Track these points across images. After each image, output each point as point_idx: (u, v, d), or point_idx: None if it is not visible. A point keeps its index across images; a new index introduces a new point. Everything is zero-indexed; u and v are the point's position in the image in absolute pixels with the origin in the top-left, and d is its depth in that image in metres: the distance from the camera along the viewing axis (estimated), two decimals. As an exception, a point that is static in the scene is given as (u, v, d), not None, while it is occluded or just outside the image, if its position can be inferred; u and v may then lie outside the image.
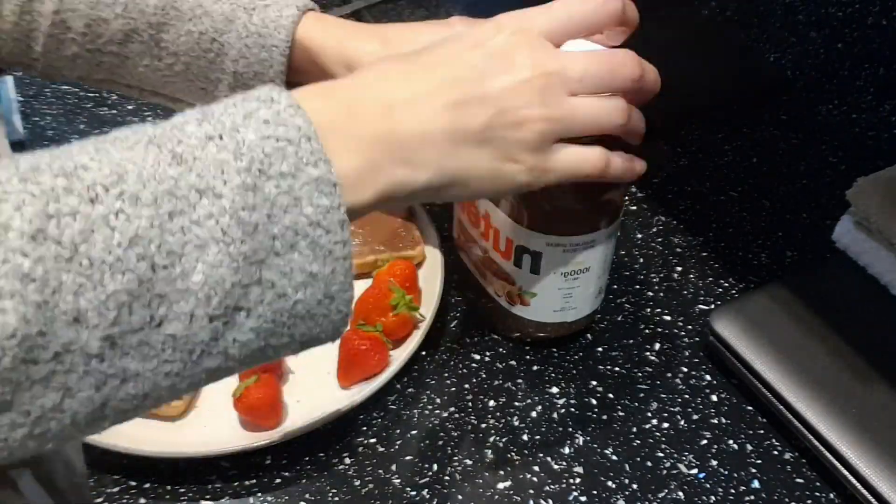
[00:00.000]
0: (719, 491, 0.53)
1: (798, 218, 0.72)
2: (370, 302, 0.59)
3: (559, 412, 0.58)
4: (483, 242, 0.59)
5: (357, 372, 0.57)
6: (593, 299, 0.59)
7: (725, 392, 0.59)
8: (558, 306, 0.58)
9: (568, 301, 0.57)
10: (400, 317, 0.58)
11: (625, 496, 0.53)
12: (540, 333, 0.61)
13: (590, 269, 0.56)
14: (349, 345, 0.56)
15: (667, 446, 0.56)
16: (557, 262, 0.55)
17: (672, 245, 0.70)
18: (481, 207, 0.57)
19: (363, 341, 0.56)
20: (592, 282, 0.57)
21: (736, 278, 0.67)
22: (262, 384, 0.54)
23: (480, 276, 0.61)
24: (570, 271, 0.56)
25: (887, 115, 0.77)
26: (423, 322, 0.60)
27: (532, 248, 0.54)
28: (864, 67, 0.78)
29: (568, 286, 0.56)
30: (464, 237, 0.62)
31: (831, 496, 0.53)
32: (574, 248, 0.54)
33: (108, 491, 0.53)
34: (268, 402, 0.54)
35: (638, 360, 0.61)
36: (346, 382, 0.57)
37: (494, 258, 0.58)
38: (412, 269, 0.62)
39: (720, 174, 0.77)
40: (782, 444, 0.56)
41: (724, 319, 0.59)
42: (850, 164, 0.77)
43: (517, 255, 0.55)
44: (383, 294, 0.59)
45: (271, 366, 0.57)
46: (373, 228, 0.66)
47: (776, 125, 0.82)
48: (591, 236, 0.54)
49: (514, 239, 0.55)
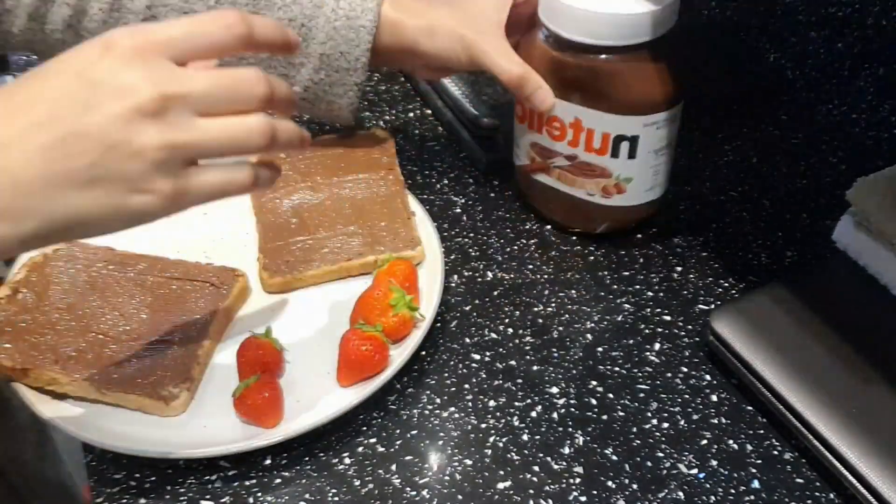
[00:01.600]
0: (719, 491, 0.53)
1: (798, 218, 0.72)
2: (370, 302, 0.59)
3: (559, 412, 0.58)
4: (570, 150, 0.65)
5: (357, 372, 0.57)
6: (668, 176, 0.67)
7: (725, 392, 0.59)
8: (648, 185, 0.66)
9: (656, 178, 0.66)
10: (400, 317, 0.58)
11: (625, 496, 0.53)
12: (630, 217, 0.69)
13: (671, 144, 0.65)
14: (349, 345, 0.56)
15: (667, 446, 0.56)
16: (650, 142, 0.63)
17: (672, 245, 0.70)
18: (569, 115, 0.63)
19: (363, 341, 0.56)
20: (671, 157, 0.66)
21: (736, 278, 0.67)
22: (261, 384, 0.54)
23: (569, 184, 0.67)
24: (659, 148, 0.64)
25: (887, 115, 0.77)
26: (423, 322, 0.60)
27: (630, 133, 0.62)
28: (864, 67, 0.78)
29: (657, 163, 0.65)
30: (541, 157, 0.67)
31: (831, 496, 0.53)
32: (665, 124, 0.62)
33: (108, 491, 0.53)
34: (268, 402, 0.54)
35: (638, 360, 0.61)
36: (345, 382, 0.57)
37: (587, 159, 0.64)
38: (412, 269, 0.62)
39: (721, 174, 0.77)
40: (782, 444, 0.56)
41: (724, 319, 0.59)
42: (850, 164, 0.77)
43: (614, 145, 0.63)
44: (383, 294, 0.59)
45: (271, 365, 0.57)
46: (372, 228, 0.66)
47: (776, 125, 0.82)
48: (674, 110, 0.62)
49: (611, 131, 0.62)
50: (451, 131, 0.80)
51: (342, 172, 0.71)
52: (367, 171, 0.71)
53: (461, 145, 0.79)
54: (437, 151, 0.79)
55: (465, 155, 0.78)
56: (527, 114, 0.66)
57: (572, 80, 0.62)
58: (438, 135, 0.81)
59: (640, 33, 0.59)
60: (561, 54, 0.62)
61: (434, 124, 0.82)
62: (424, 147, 0.79)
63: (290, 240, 0.66)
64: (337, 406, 0.55)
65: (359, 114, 0.72)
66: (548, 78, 0.63)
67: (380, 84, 0.87)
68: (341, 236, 0.66)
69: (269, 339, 0.57)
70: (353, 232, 0.66)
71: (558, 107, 0.63)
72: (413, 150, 0.79)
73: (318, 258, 0.64)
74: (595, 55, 0.60)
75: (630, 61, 0.60)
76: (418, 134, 0.81)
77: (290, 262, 0.64)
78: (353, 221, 0.67)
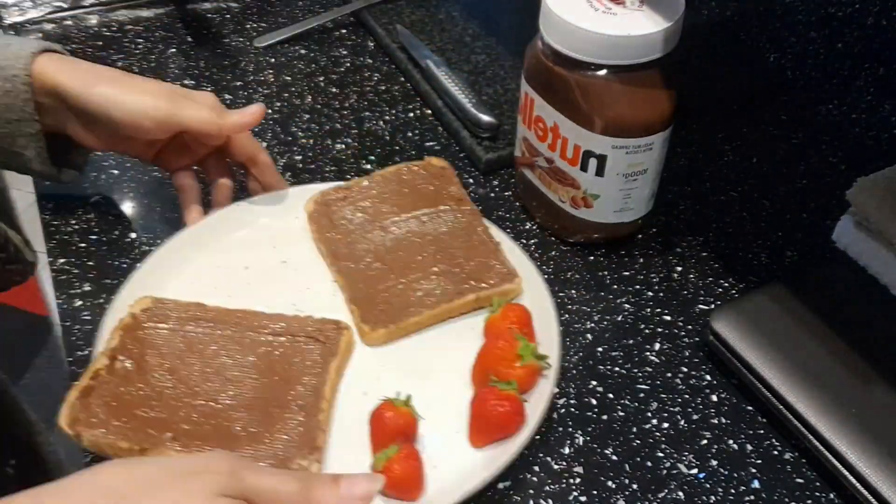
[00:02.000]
0: (719, 491, 0.53)
1: (798, 218, 0.72)
2: (495, 354, 0.55)
3: (559, 412, 0.58)
4: (549, 153, 0.65)
5: (494, 433, 0.53)
6: (647, 201, 0.66)
7: (725, 392, 0.59)
8: (618, 207, 0.65)
9: (626, 202, 0.65)
10: (528, 367, 0.54)
11: (625, 496, 0.53)
12: (597, 235, 0.68)
13: (647, 171, 0.63)
14: (486, 405, 0.52)
15: (667, 446, 0.56)
16: (620, 164, 0.62)
17: (672, 245, 0.70)
18: (550, 120, 0.63)
19: (501, 401, 0.52)
20: (648, 183, 0.64)
21: (736, 278, 0.67)
22: (404, 456, 0.50)
23: (546, 185, 0.67)
24: (630, 173, 0.62)
25: (887, 115, 0.77)
26: (551, 371, 0.55)
27: (598, 151, 0.61)
28: (863, 67, 0.78)
29: (628, 187, 0.64)
30: (529, 153, 0.68)
31: (831, 496, 0.53)
32: (635, 150, 0.61)
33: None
34: (413, 476, 0.50)
35: (638, 360, 0.61)
36: (479, 444, 0.53)
37: (561, 166, 0.64)
38: (526, 312, 0.58)
39: (720, 174, 0.77)
40: (782, 443, 0.56)
41: (724, 319, 0.59)
42: (849, 164, 0.77)
43: (584, 159, 0.62)
44: (508, 344, 0.54)
45: (409, 433, 0.52)
46: (462, 264, 0.62)
47: (776, 125, 0.82)
48: (650, 139, 0.61)
49: (582, 144, 0.62)
50: (451, 131, 0.80)
51: (409, 208, 0.66)
52: (436, 204, 0.66)
53: (461, 145, 0.79)
54: (437, 151, 0.79)
55: (465, 155, 0.78)
56: (522, 107, 0.66)
57: (552, 84, 0.62)
58: (438, 135, 0.81)
59: (615, 55, 0.58)
60: (544, 56, 0.62)
61: (434, 124, 0.82)
62: (424, 147, 0.79)
63: (378, 287, 0.61)
64: (480, 476, 0.50)
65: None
66: (537, 75, 0.63)
67: (380, 84, 0.87)
68: (432, 276, 0.61)
69: (408, 408, 0.52)
70: (443, 271, 0.62)
71: (544, 108, 0.63)
72: (413, 150, 0.79)
73: (415, 303, 0.60)
74: (573, 67, 0.60)
75: (603, 80, 0.59)
76: (418, 134, 0.81)
77: (386, 310, 0.59)
78: (438, 259, 0.62)
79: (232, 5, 0.96)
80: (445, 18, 0.93)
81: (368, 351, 0.59)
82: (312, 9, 0.96)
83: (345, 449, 0.53)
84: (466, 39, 0.90)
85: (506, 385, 0.52)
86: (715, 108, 0.84)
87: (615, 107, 0.60)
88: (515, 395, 0.52)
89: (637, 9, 0.59)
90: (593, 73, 0.59)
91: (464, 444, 0.53)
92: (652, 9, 0.59)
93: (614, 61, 0.58)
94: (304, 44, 0.91)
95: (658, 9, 0.59)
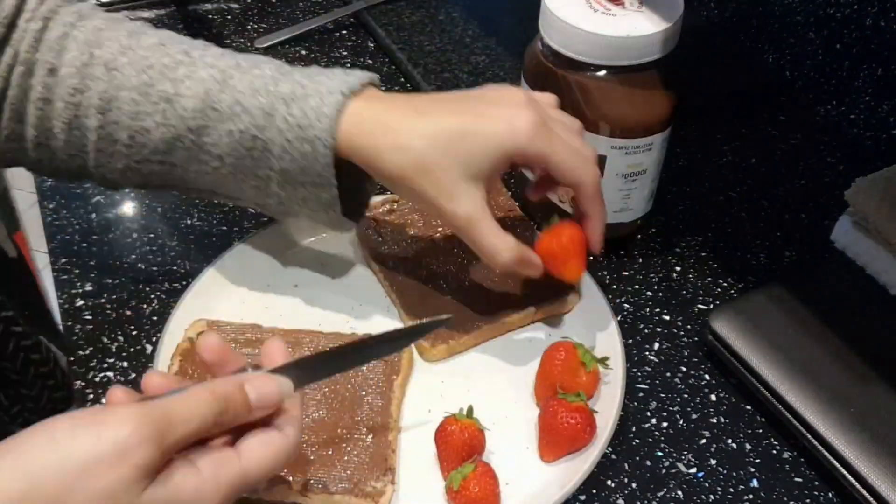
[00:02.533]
0: (718, 490, 0.53)
1: (797, 218, 0.72)
2: (558, 365, 0.54)
3: (559, 412, 0.58)
4: None
5: (566, 447, 0.53)
6: (646, 201, 0.66)
7: (724, 391, 0.59)
8: (617, 207, 0.65)
9: (626, 202, 0.65)
10: (591, 374, 0.54)
11: (624, 495, 0.53)
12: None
13: (646, 171, 0.63)
14: (557, 419, 0.51)
15: (666, 445, 0.56)
16: (619, 164, 0.62)
17: (671, 245, 0.70)
18: None
19: (571, 414, 0.51)
20: (647, 184, 0.64)
21: (735, 278, 0.67)
22: (480, 475, 0.49)
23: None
24: (630, 173, 0.63)
25: (886, 116, 0.77)
26: (618, 373, 0.55)
27: (597, 151, 0.58)
28: (862, 68, 0.78)
29: (627, 187, 0.64)
30: None
31: (830, 495, 0.53)
32: (635, 151, 0.61)
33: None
34: (490, 494, 0.49)
35: (638, 359, 0.61)
36: (550, 458, 0.53)
37: None
38: (579, 231, 0.56)
39: (720, 174, 0.77)
40: (781, 443, 0.56)
41: (723, 319, 0.59)
42: (848, 164, 0.77)
43: None
44: (566, 352, 0.54)
45: (478, 448, 0.51)
46: (523, 284, 0.61)
47: (775, 125, 0.82)
48: (649, 139, 0.61)
49: None
50: (451, 132, 0.80)
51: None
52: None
53: (461, 146, 0.79)
54: (437, 152, 0.79)
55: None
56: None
57: (552, 85, 0.61)
58: (438, 135, 0.81)
59: (614, 56, 0.58)
60: (544, 57, 0.62)
61: (434, 125, 0.82)
62: (424, 147, 0.79)
63: (434, 301, 0.60)
64: (557, 492, 0.50)
65: (358, 220, 0.60)
66: (537, 76, 0.63)
67: (380, 85, 0.87)
68: (488, 289, 0.61)
69: (472, 420, 0.51)
70: (499, 282, 0.61)
71: None
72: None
73: (473, 317, 0.59)
74: (572, 68, 0.60)
75: (602, 81, 0.60)
76: (418, 134, 0.81)
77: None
78: (493, 270, 0.61)
79: (233, 6, 0.97)
80: (445, 19, 0.94)
81: (428, 367, 0.59)
82: (313, 10, 0.96)
83: (414, 469, 0.53)
84: (466, 40, 0.90)
85: (574, 397, 0.52)
86: (714, 108, 0.84)
87: (614, 107, 0.60)
88: (585, 405, 0.52)
89: (636, 10, 0.59)
90: (593, 73, 0.59)
91: (534, 459, 0.53)
92: (651, 10, 0.59)
93: (614, 62, 0.59)
94: (304, 45, 0.91)
95: (657, 10, 0.59)
